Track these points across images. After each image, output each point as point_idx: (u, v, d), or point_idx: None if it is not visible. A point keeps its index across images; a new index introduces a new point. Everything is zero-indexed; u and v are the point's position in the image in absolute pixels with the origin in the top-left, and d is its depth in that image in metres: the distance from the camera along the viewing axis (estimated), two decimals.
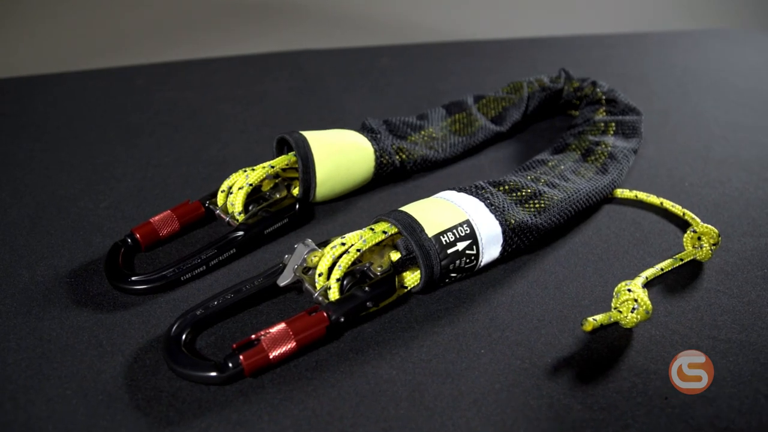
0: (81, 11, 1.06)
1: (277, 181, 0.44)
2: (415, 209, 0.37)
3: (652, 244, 0.43)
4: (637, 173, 0.52)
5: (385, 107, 0.62)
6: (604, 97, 0.56)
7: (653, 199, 0.47)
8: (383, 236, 0.36)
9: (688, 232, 0.42)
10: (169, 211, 0.41)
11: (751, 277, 0.40)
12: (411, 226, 0.36)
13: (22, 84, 0.62)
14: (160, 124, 0.56)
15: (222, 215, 0.42)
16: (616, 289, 0.36)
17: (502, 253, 0.39)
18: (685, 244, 0.42)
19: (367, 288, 0.34)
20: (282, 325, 0.32)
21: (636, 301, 0.35)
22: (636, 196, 0.48)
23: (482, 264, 0.38)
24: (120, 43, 0.99)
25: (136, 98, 0.61)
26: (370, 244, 0.36)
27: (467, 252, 0.36)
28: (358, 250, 0.35)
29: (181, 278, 0.37)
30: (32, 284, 0.37)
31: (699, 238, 0.42)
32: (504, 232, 0.38)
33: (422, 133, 0.52)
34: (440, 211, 0.37)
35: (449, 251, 0.36)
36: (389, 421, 0.30)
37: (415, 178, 0.50)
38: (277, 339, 0.31)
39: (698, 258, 0.41)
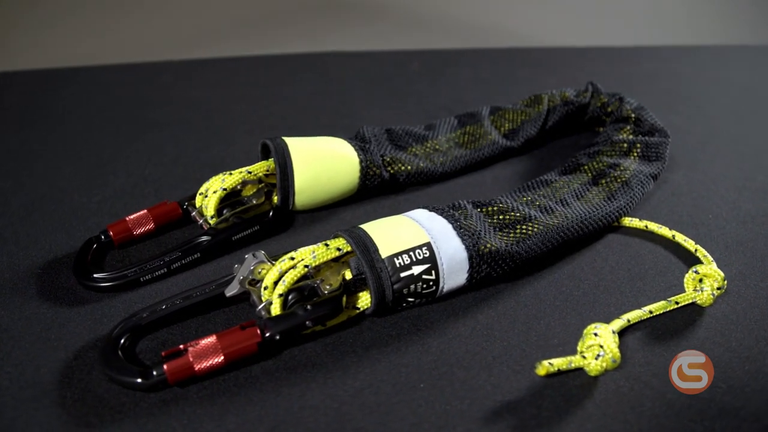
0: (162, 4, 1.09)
1: (259, 186, 0.44)
2: (374, 227, 0.35)
3: (651, 282, 0.39)
4: (656, 200, 0.47)
5: (402, 114, 0.61)
6: (633, 115, 0.52)
7: (665, 231, 0.43)
8: (337, 253, 0.35)
9: (690, 272, 0.38)
10: (145, 211, 0.41)
11: (757, 329, 0.36)
12: (364, 245, 0.34)
13: (53, 75, 0.66)
14: (172, 121, 0.57)
15: (197, 218, 0.42)
16: (584, 330, 0.33)
17: (468, 280, 0.36)
18: (685, 285, 0.38)
19: (308, 307, 0.33)
20: (212, 338, 0.31)
21: (602, 347, 0.32)
22: (646, 227, 0.44)
23: (444, 290, 0.36)
24: (189, 36, 1.02)
25: (157, 94, 0.62)
26: (321, 261, 0.34)
27: (424, 277, 0.34)
28: (306, 266, 0.34)
29: (141, 279, 0.37)
30: (8, 271, 0.38)
31: (701, 280, 0.37)
32: (470, 258, 0.35)
33: (426, 144, 0.50)
34: (401, 231, 0.35)
35: (403, 275, 0.34)
36: None
37: (408, 191, 0.48)
38: (205, 351, 0.31)
39: (698, 302, 0.37)
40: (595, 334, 0.32)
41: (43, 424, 0.29)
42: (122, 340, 0.33)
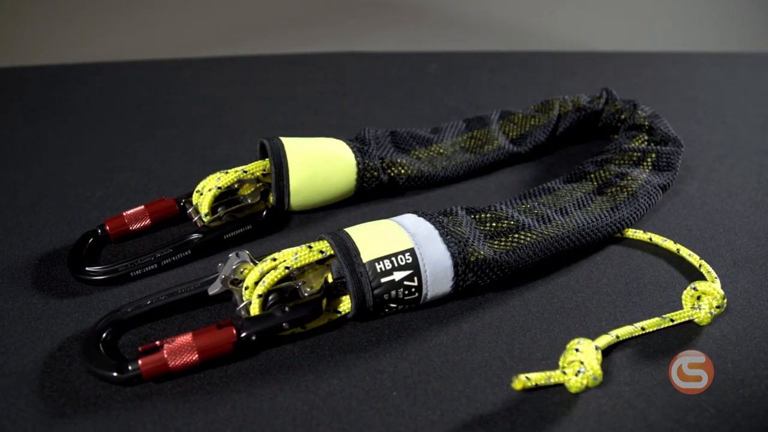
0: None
1: (257, 186, 0.44)
2: (357, 231, 0.35)
3: (649, 297, 0.38)
4: (666, 212, 0.46)
5: (413, 116, 0.60)
6: (646, 124, 0.50)
7: (669, 244, 0.41)
8: (319, 256, 0.35)
9: (688, 288, 0.36)
10: (142, 207, 0.42)
11: (756, 351, 0.34)
12: (346, 249, 0.34)
13: (75, 70, 0.68)
14: (184, 118, 0.58)
15: (193, 215, 0.42)
16: (567, 345, 0.32)
17: (454, 288, 0.35)
18: (683, 301, 0.36)
19: (286, 308, 0.33)
20: (188, 336, 0.31)
21: (582, 363, 0.31)
22: (650, 239, 0.42)
23: (428, 297, 0.35)
24: (219, 34, 1.03)
25: (174, 91, 0.64)
26: (302, 263, 0.34)
27: (406, 283, 0.34)
28: (287, 268, 0.34)
29: (131, 274, 0.38)
30: (7, 261, 0.40)
31: (699, 298, 0.36)
32: (455, 266, 0.35)
33: (430, 147, 0.50)
34: (385, 236, 0.35)
35: (383, 280, 0.33)
36: None
37: (408, 195, 0.48)
38: (180, 349, 0.31)
39: (696, 321, 0.36)
40: (577, 350, 0.31)
41: (19, 412, 0.30)
42: (104, 334, 0.33)
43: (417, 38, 0.96)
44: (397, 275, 0.34)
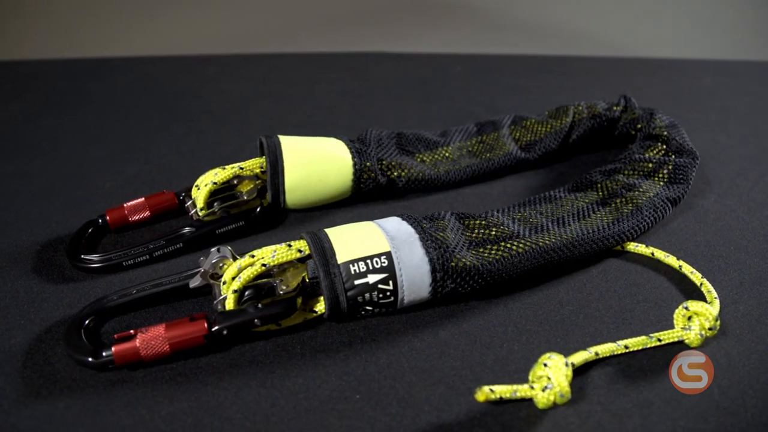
0: None
1: (255, 183, 0.44)
2: (336, 232, 0.35)
3: (641, 314, 0.36)
4: (676, 225, 0.44)
5: (427, 118, 0.60)
6: (663, 133, 0.48)
7: (671, 260, 0.40)
8: (298, 255, 0.35)
9: (680, 307, 0.34)
10: (143, 199, 0.43)
11: (748, 378, 0.32)
12: (322, 249, 0.34)
13: (103, 64, 0.70)
14: (201, 113, 0.60)
15: (190, 209, 0.43)
16: (539, 359, 0.31)
17: (432, 294, 0.35)
18: (675, 321, 0.35)
19: (259, 305, 0.33)
20: (161, 327, 0.32)
21: (550, 379, 0.30)
22: (653, 254, 0.40)
23: (405, 302, 0.35)
24: (258, 32, 1.04)
25: (196, 87, 0.65)
26: (280, 261, 0.34)
27: (380, 286, 0.33)
28: (264, 265, 0.34)
29: (123, 263, 0.39)
30: (12, 246, 0.41)
31: (690, 318, 0.34)
32: (433, 272, 0.34)
33: (435, 151, 0.49)
34: (363, 238, 0.34)
35: (357, 282, 0.33)
36: None
37: (408, 197, 0.47)
38: (152, 339, 0.32)
39: (686, 342, 0.34)
40: (545, 365, 0.30)
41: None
42: (87, 321, 0.34)
43: (446, 40, 0.95)
44: (372, 278, 0.33)
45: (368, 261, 0.33)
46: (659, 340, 0.33)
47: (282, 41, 0.95)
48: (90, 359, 0.32)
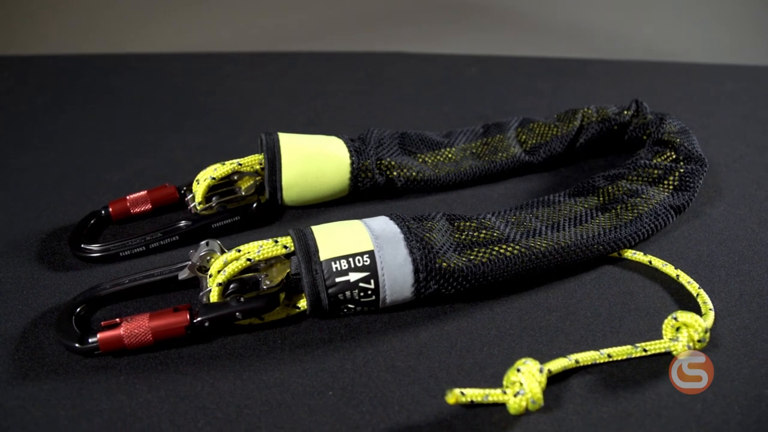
0: None
1: (255, 179, 0.45)
2: (322, 230, 0.35)
3: (631, 323, 0.35)
4: (681, 234, 0.43)
5: (436, 119, 0.60)
6: (672, 139, 0.47)
7: (669, 269, 0.39)
8: (283, 251, 0.35)
9: (669, 317, 0.33)
10: (145, 192, 0.44)
11: (733, 394, 0.31)
12: (306, 246, 0.34)
13: (124, 60, 0.72)
14: (214, 110, 0.61)
15: (189, 203, 0.44)
16: (515, 363, 0.31)
17: (415, 295, 0.35)
18: (663, 331, 0.34)
19: (242, 299, 0.34)
20: (145, 316, 0.33)
21: (522, 384, 0.29)
22: (650, 262, 0.39)
23: (387, 301, 0.35)
24: (286, 30, 1.05)
25: (212, 83, 0.67)
26: (265, 256, 0.35)
27: (362, 285, 0.34)
28: (249, 259, 0.35)
29: (120, 254, 0.40)
30: (19, 234, 0.43)
31: (678, 329, 0.33)
32: (416, 272, 0.34)
33: (438, 152, 0.49)
34: (347, 236, 0.35)
35: (338, 279, 0.33)
36: None
37: (407, 197, 0.47)
38: (136, 327, 0.33)
39: (673, 353, 0.33)
40: (519, 370, 0.30)
41: None
42: (79, 308, 0.35)
43: (467, 41, 0.95)
44: (353, 276, 0.33)
45: (350, 259, 0.34)
46: (645, 350, 0.33)
47: (305, 40, 0.96)
48: (77, 345, 0.33)
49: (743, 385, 0.31)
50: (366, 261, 0.34)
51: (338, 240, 0.34)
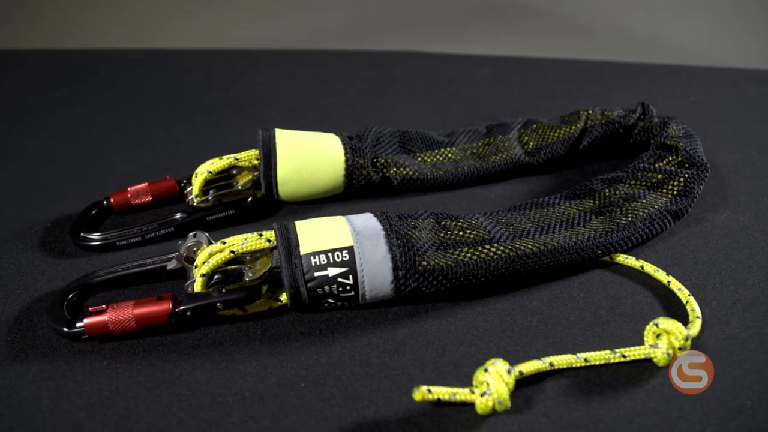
0: None
1: (253, 174, 0.46)
2: (304, 224, 0.36)
3: (615, 328, 0.35)
4: (678, 239, 0.42)
5: (442, 119, 0.60)
6: (676, 144, 0.46)
7: (660, 275, 0.38)
8: (267, 244, 0.36)
9: (651, 324, 0.33)
10: (146, 184, 0.46)
11: (711, 403, 0.30)
12: (288, 240, 0.35)
13: (142, 56, 0.74)
14: (224, 106, 0.62)
15: (188, 195, 0.45)
16: (485, 364, 0.30)
17: (395, 292, 0.35)
18: (645, 338, 0.33)
19: (224, 290, 0.34)
20: (129, 304, 0.34)
21: (489, 385, 0.29)
22: (642, 267, 0.39)
23: (367, 297, 0.35)
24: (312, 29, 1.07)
25: (225, 80, 0.68)
26: (249, 249, 0.35)
27: (340, 280, 0.34)
28: (232, 252, 0.35)
29: (117, 243, 0.42)
30: (25, 221, 0.45)
31: (659, 336, 0.32)
32: (395, 270, 0.34)
33: (438, 151, 0.49)
34: (329, 232, 0.35)
35: (317, 274, 0.34)
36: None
37: (403, 196, 0.48)
38: (120, 314, 0.34)
39: (654, 360, 0.32)
40: (486, 370, 0.29)
41: None
42: (71, 295, 0.37)
43: (484, 41, 0.94)
44: (332, 271, 0.34)
45: (329, 254, 0.34)
46: (624, 356, 0.32)
47: (317, 39, 0.97)
48: (65, 329, 0.34)
49: (724, 394, 0.30)
50: (345, 257, 0.34)
51: (319, 235, 0.35)
